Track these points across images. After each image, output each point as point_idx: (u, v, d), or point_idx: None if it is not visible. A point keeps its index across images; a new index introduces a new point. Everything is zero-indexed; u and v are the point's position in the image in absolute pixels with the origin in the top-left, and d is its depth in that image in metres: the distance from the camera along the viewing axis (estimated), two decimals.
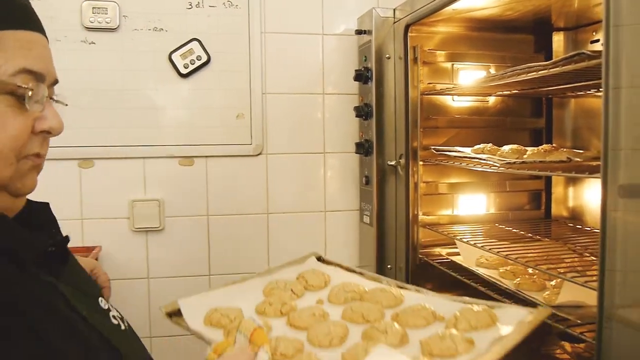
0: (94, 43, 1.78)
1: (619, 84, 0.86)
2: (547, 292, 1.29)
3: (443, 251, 1.76)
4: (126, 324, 0.85)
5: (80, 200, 1.84)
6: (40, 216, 0.85)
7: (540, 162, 1.32)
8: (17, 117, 0.73)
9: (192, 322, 1.00)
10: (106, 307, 0.84)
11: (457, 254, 1.69)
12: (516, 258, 1.35)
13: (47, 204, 0.88)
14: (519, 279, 1.38)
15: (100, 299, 0.85)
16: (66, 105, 0.82)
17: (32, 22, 0.79)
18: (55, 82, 0.81)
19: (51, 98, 0.80)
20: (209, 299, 1.07)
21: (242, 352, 0.79)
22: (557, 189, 1.92)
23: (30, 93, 0.74)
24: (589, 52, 1.06)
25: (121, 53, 1.80)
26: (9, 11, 0.76)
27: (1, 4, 0.75)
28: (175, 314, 1.03)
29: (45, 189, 0.83)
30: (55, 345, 0.69)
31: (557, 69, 1.15)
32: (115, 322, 0.83)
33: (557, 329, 1.41)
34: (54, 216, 0.88)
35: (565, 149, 1.52)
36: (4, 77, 0.72)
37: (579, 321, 1.10)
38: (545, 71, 1.19)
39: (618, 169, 0.85)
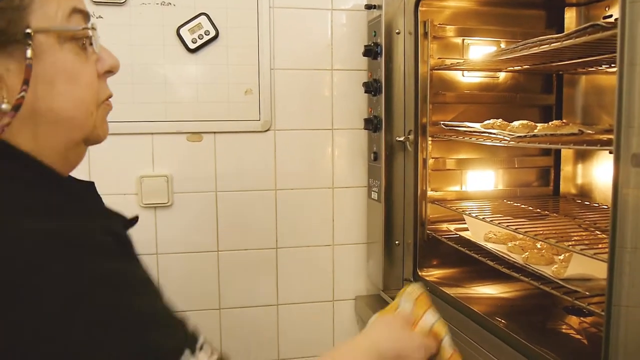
0: (101, 17, 1.77)
1: (633, 57, 0.86)
2: (555, 266, 1.29)
3: (451, 227, 1.76)
4: None
5: (89, 176, 1.83)
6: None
7: (552, 135, 1.31)
8: (84, 63, 0.69)
9: None
10: None
11: (465, 229, 1.69)
12: (525, 232, 1.36)
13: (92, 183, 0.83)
14: (527, 253, 1.39)
15: None
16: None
17: None
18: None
19: None
20: None
21: (402, 316, 0.81)
22: (566, 167, 1.91)
23: (90, 34, 0.68)
24: (603, 24, 1.05)
25: (129, 27, 1.79)
26: None
27: None
28: None
29: None
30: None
31: (570, 40, 1.14)
32: None
33: (564, 303, 1.42)
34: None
35: (576, 124, 1.51)
36: (62, 21, 0.65)
37: (587, 293, 1.10)
38: (559, 43, 1.17)
39: (631, 139, 0.85)
